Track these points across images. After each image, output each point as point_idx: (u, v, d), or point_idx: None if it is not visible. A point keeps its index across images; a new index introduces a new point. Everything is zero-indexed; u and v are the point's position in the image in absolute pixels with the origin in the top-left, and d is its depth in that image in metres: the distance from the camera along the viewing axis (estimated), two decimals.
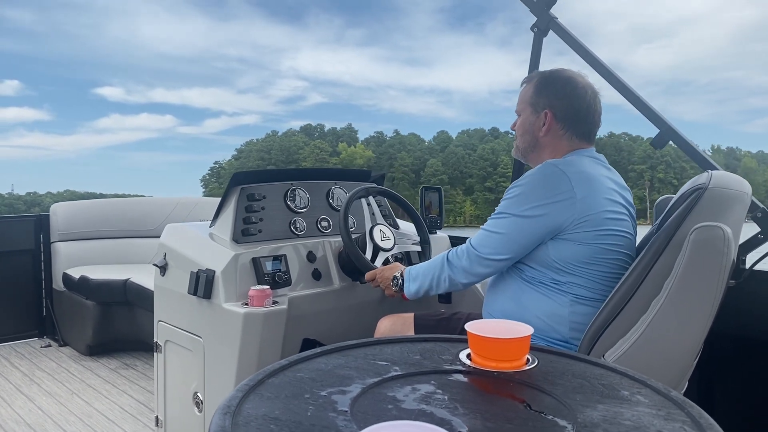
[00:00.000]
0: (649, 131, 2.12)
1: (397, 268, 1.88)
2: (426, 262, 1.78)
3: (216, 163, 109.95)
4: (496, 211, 1.61)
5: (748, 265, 1.89)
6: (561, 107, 1.64)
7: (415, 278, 1.77)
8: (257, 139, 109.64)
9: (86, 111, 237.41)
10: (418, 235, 2.24)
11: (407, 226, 2.37)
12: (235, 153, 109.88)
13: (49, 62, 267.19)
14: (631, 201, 1.67)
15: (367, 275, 1.97)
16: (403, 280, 1.81)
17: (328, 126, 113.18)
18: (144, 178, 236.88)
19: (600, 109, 1.69)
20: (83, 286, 3.77)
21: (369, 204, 2.17)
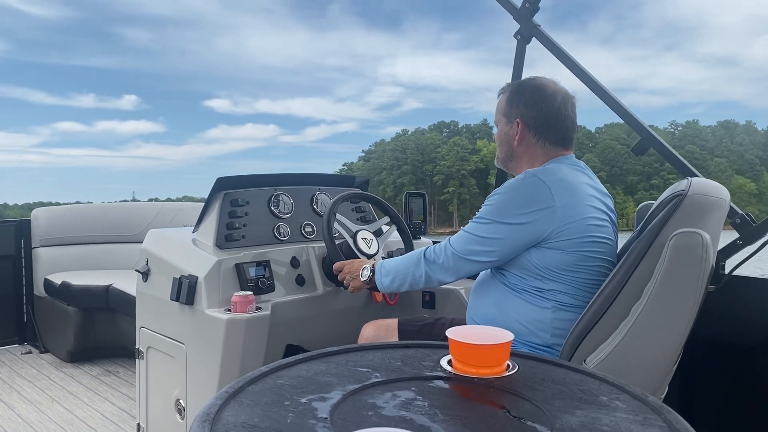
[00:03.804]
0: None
1: (367, 262, 1.87)
2: (399, 257, 1.78)
3: (344, 165, 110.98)
4: (477, 215, 1.61)
5: (727, 271, 1.91)
6: (530, 115, 1.65)
7: (388, 273, 1.75)
8: (389, 139, 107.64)
9: (196, 122, 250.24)
10: (402, 241, 2.24)
11: (391, 232, 2.38)
12: (363, 154, 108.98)
13: (164, 77, 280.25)
14: (612, 207, 1.67)
15: (335, 265, 1.95)
16: (373, 273, 1.80)
17: (462, 123, 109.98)
18: None
19: (573, 114, 1.67)
20: (65, 292, 3.72)
21: (353, 209, 2.17)
